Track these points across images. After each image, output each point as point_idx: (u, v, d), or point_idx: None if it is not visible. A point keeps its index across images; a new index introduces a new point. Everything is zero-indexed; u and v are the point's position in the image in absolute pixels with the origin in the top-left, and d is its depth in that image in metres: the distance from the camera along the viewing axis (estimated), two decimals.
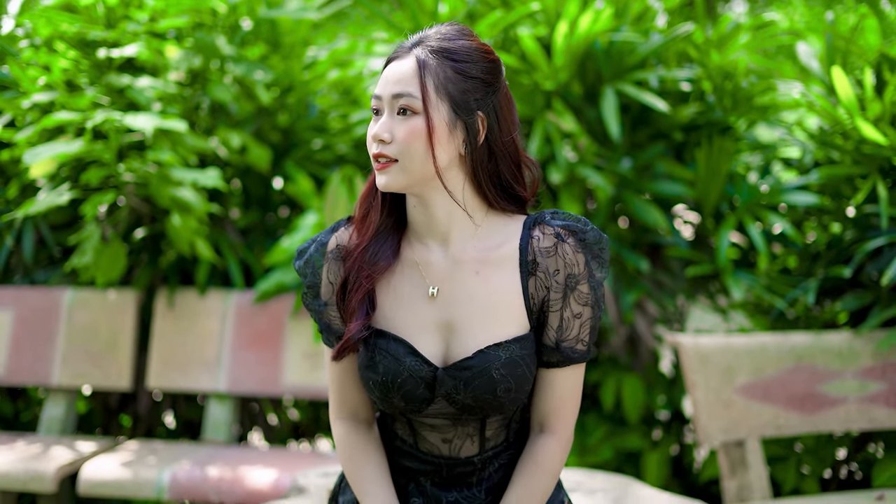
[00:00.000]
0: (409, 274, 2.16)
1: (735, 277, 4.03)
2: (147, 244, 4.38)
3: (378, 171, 2.07)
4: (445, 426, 2.17)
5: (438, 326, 2.13)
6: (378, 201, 2.17)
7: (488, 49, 2.14)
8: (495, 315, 2.11)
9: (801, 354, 3.73)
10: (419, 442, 2.20)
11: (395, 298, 2.16)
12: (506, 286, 2.12)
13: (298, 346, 4.26)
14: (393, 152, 2.04)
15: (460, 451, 2.19)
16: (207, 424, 4.30)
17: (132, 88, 3.81)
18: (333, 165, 4.66)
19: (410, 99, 2.02)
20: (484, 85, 2.09)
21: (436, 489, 2.19)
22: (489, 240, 2.16)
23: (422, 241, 2.17)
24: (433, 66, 2.04)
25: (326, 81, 4.66)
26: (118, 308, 4.34)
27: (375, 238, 2.16)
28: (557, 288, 2.11)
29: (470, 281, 2.13)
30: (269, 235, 4.58)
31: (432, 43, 2.08)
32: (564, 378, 2.17)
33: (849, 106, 3.80)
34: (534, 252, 2.12)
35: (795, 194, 4.06)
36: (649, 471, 4.20)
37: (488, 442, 2.19)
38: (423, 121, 2.03)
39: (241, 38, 4.43)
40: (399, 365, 2.09)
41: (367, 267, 2.14)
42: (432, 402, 2.11)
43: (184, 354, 4.31)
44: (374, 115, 2.09)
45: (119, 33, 3.96)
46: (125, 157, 3.90)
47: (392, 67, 2.07)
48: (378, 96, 2.07)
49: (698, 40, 4.29)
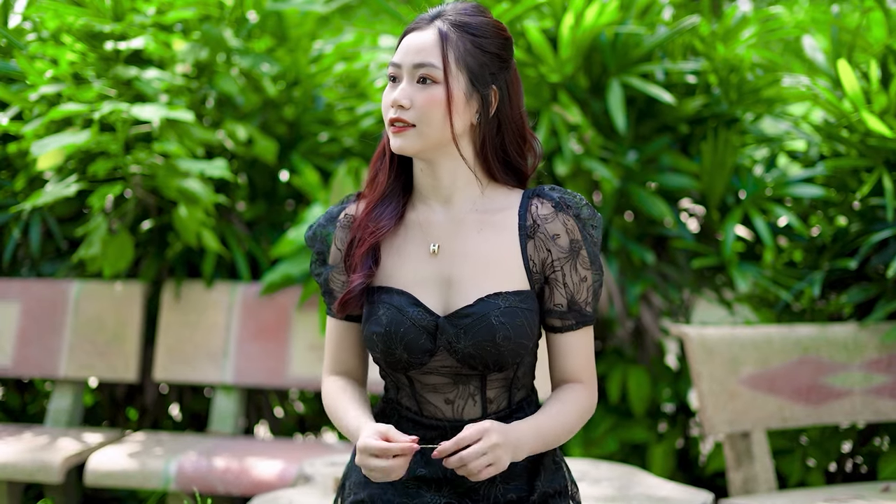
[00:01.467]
0: (412, 235, 2.24)
1: (741, 270, 4.03)
2: (153, 236, 4.39)
3: (394, 135, 2.14)
4: (447, 385, 2.21)
5: (439, 281, 2.20)
6: (386, 164, 2.25)
7: (503, 26, 2.22)
8: (494, 270, 2.18)
9: (806, 346, 3.73)
10: (423, 408, 2.25)
11: (399, 257, 2.23)
12: (505, 246, 2.20)
13: (305, 339, 4.26)
14: (411, 118, 2.11)
15: (463, 413, 2.22)
16: (214, 416, 4.31)
17: (139, 80, 3.83)
18: (339, 158, 4.68)
19: (432, 69, 2.10)
20: (499, 60, 2.18)
21: (439, 458, 2.18)
22: (490, 205, 2.24)
23: (426, 202, 2.25)
24: (454, 38, 2.12)
25: (332, 74, 4.67)
26: (125, 300, 4.35)
27: (382, 199, 2.24)
28: (562, 251, 2.19)
29: (471, 239, 2.21)
30: (276, 228, 4.59)
31: (452, 17, 2.15)
32: (579, 340, 2.24)
33: (854, 99, 3.80)
34: (532, 218, 2.21)
35: (801, 187, 4.06)
36: (655, 463, 4.21)
37: (490, 405, 2.23)
38: (443, 90, 2.11)
39: (247, 30, 4.44)
40: (402, 315, 2.15)
41: (372, 224, 2.22)
42: (434, 353, 2.17)
43: (190, 346, 4.32)
44: (392, 82, 2.16)
45: (126, 26, 3.97)
46: (132, 149, 3.91)
47: (413, 37, 2.14)
48: (397, 64, 2.14)
49: (704, 33, 4.29)
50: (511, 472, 2.22)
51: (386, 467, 2.03)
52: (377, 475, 2.05)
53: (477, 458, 2.01)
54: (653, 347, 4.41)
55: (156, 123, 3.71)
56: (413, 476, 2.22)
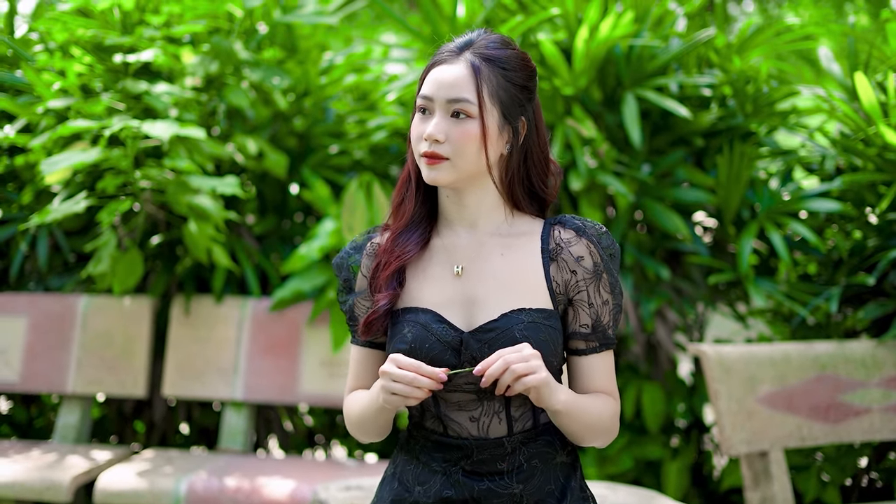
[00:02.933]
0: (437, 258, 2.26)
1: (757, 285, 3.98)
2: (163, 251, 4.35)
3: (428, 167, 2.15)
4: (471, 403, 2.20)
5: (463, 301, 2.20)
6: (413, 191, 2.27)
7: (528, 57, 2.24)
8: (518, 290, 2.20)
9: (824, 364, 3.69)
10: (448, 428, 2.23)
11: (424, 279, 2.25)
12: (528, 267, 2.22)
13: (316, 354, 4.22)
14: (445, 151, 2.12)
15: (489, 431, 2.21)
16: (223, 433, 4.27)
17: (149, 94, 3.78)
18: (350, 171, 4.63)
19: (467, 104, 2.11)
20: (527, 91, 2.21)
21: (466, 479, 2.20)
22: (513, 230, 2.26)
23: (451, 227, 2.27)
24: (486, 73, 2.14)
25: (343, 86, 4.61)
26: (133, 315, 4.31)
27: (408, 226, 2.27)
28: (587, 272, 2.21)
29: (494, 260, 2.22)
30: (286, 242, 4.54)
31: (481, 50, 2.16)
32: (602, 362, 2.25)
33: (871, 111, 3.76)
34: (555, 242, 2.23)
35: (817, 201, 4.01)
36: (669, 480, 4.16)
37: (516, 423, 2.22)
38: (478, 125, 2.13)
39: (257, 42, 4.39)
40: (426, 332, 2.16)
41: (398, 249, 2.24)
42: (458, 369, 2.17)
43: (200, 362, 4.28)
44: (421, 114, 2.17)
45: (135, 38, 3.92)
46: (141, 164, 3.86)
47: (443, 70, 2.14)
48: (429, 97, 2.15)
49: (719, 45, 4.24)
50: (538, 496, 2.21)
51: (407, 390, 2.04)
52: (396, 399, 2.07)
53: (519, 361, 2.02)
54: (667, 363, 4.37)
55: (166, 139, 3.66)
56: (440, 498, 2.21)
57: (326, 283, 4.14)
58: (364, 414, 2.24)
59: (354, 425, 2.31)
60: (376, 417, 2.21)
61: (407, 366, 2.06)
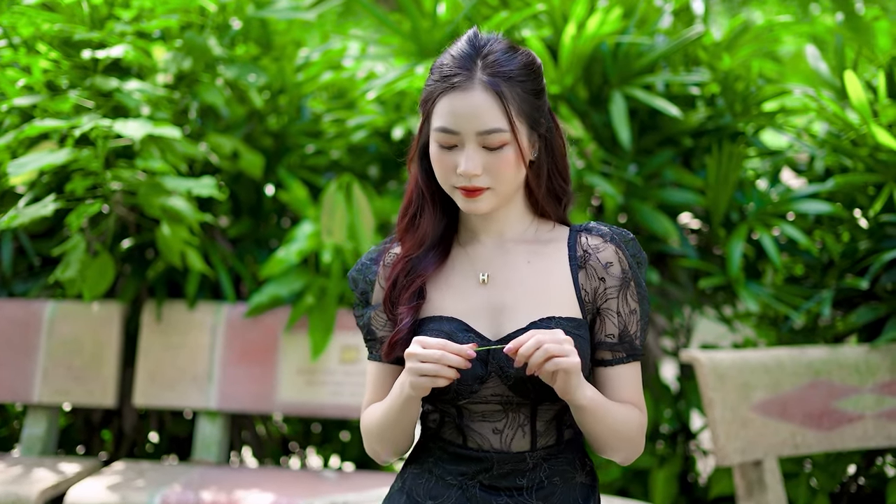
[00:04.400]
0: (460, 266, 2.18)
1: (748, 289, 3.89)
2: (133, 254, 4.18)
3: (469, 199, 2.08)
4: (496, 413, 2.11)
5: (489, 309, 2.12)
6: (430, 212, 2.20)
7: (533, 56, 2.14)
8: (546, 298, 2.11)
9: (818, 370, 3.61)
10: (468, 438, 2.14)
11: (447, 289, 2.16)
12: (556, 276, 2.14)
13: (293, 362, 4.08)
14: (485, 182, 2.05)
15: (511, 444, 2.13)
16: (197, 443, 4.11)
17: (120, 91, 3.62)
18: (327, 171, 4.49)
19: (500, 134, 2.03)
20: (543, 95, 2.12)
21: (484, 493, 2.12)
22: (538, 237, 2.19)
23: (474, 236, 2.20)
24: (508, 93, 2.04)
25: (319, 84, 4.46)
26: (102, 321, 4.14)
27: (428, 247, 2.19)
28: (615, 280, 2.13)
29: (521, 268, 2.15)
30: (261, 245, 4.39)
31: (495, 67, 2.06)
32: (629, 373, 2.16)
33: (861, 111, 3.67)
34: (583, 249, 2.15)
35: (807, 202, 3.92)
36: (657, 489, 4.06)
37: (540, 438, 2.14)
38: (513, 149, 2.04)
39: (230, 38, 4.24)
40: (452, 340, 2.05)
41: (420, 270, 2.16)
42: (485, 380, 2.07)
43: (172, 370, 4.12)
44: (446, 149, 2.08)
45: (105, 34, 3.76)
46: (112, 165, 3.70)
47: (463, 100, 2.04)
48: (454, 131, 2.04)
49: (707, 42, 4.14)
50: (556, 499, 2.13)
51: (435, 368, 1.94)
52: (424, 381, 1.96)
53: (552, 342, 1.91)
54: (653, 368, 4.27)
55: (138, 139, 3.50)
56: None
57: (305, 287, 4.00)
58: (386, 417, 2.12)
59: (375, 436, 2.18)
60: (400, 417, 2.09)
61: (433, 345, 1.95)
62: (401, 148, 4.40)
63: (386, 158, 4.49)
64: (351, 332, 4.06)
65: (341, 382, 4.05)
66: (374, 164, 4.54)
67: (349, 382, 4.04)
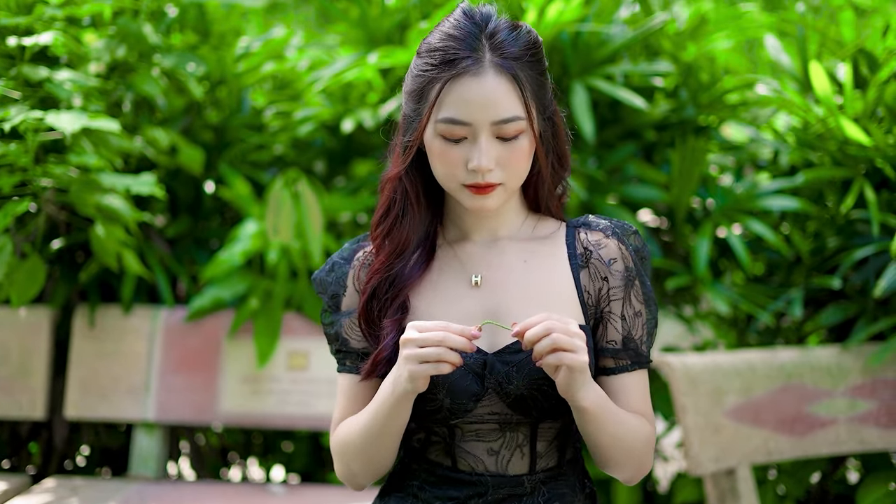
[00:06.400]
0: (448, 268, 1.98)
1: (716, 289, 3.73)
2: (63, 256, 3.91)
3: (476, 196, 1.87)
4: (492, 433, 1.91)
5: (484, 314, 1.92)
6: (414, 213, 1.98)
7: (533, 30, 1.96)
8: (546, 302, 1.91)
9: (789, 372, 3.47)
10: (459, 460, 1.93)
11: (434, 294, 1.95)
12: (556, 277, 1.95)
13: (237, 370, 3.83)
14: (498, 178, 1.86)
15: (508, 467, 1.93)
16: (134, 457, 3.84)
17: (51, 82, 3.35)
18: (270, 167, 4.24)
19: (518, 122, 1.84)
20: (547, 74, 1.94)
21: None
22: (532, 234, 2.00)
23: (463, 234, 2.00)
24: (522, 77, 1.85)
25: (261, 75, 4.22)
26: (30, 328, 3.85)
27: (411, 251, 1.97)
28: (618, 280, 1.94)
29: (517, 268, 1.95)
30: (201, 246, 4.13)
31: (505, 48, 1.86)
32: (634, 382, 1.96)
33: (827, 103, 3.53)
34: (583, 246, 1.97)
35: (775, 198, 3.76)
36: (620, 499, 3.89)
37: (540, 460, 1.94)
38: (528, 137, 1.85)
39: (166, 26, 3.98)
40: None
41: (405, 279, 1.94)
42: (482, 397, 1.87)
43: (106, 379, 3.85)
44: (452, 142, 1.86)
45: (33, 19, 3.48)
46: (41, 161, 3.43)
47: (476, 86, 1.82)
48: (466, 122, 1.83)
49: (670, 31, 3.98)
50: None
51: (437, 352, 1.73)
52: (425, 368, 1.74)
53: (563, 332, 1.72)
54: None
55: (68, 133, 3.22)
56: None
57: (249, 290, 3.76)
58: (370, 426, 1.87)
59: (354, 452, 1.93)
60: (388, 424, 1.85)
61: (433, 326, 1.73)
62: (350, 142, 4.19)
63: (333, 153, 4.26)
64: (299, 338, 3.83)
65: (288, 391, 3.81)
66: (321, 159, 4.31)
67: (296, 391, 3.81)
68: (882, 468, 3.71)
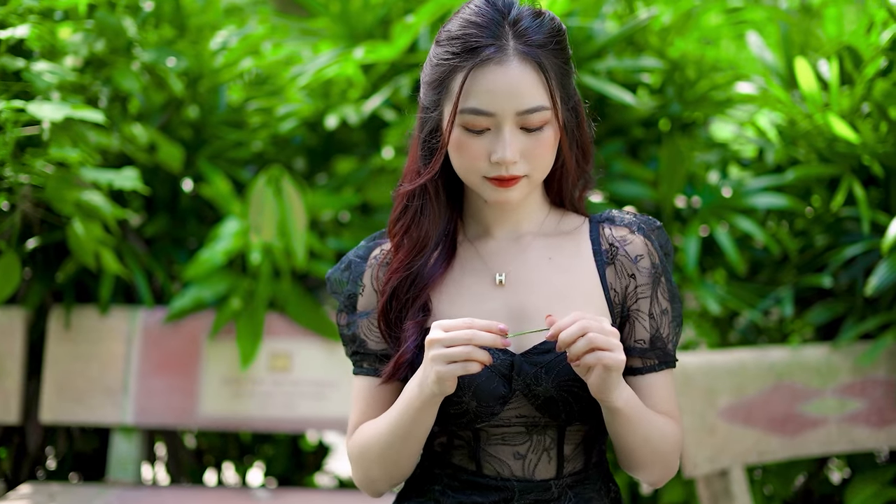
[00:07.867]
0: (470, 266, 1.92)
1: (707, 288, 3.69)
2: (37, 256, 3.80)
3: (499, 189, 1.81)
4: (519, 436, 1.86)
5: (510, 316, 1.87)
6: (434, 210, 1.91)
7: (556, 17, 1.92)
8: (573, 300, 1.87)
9: (780, 372, 3.45)
10: (484, 465, 1.87)
11: (458, 293, 1.90)
12: (582, 274, 1.90)
13: (218, 372, 3.74)
14: (522, 170, 1.81)
15: (535, 472, 1.87)
16: (112, 462, 3.74)
17: (29, 72, 3.25)
18: (250, 164, 4.16)
19: (544, 112, 1.79)
20: (571, 63, 1.89)
21: None
22: (556, 230, 1.95)
23: (486, 231, 1.94)
24: (547, 65, 1.80)
25: (240, 70, 4.13)
26: (4, 329, 3.74)
27: (431, 248, 1.91)
28: (644, 277, 1.90)
29: (542, 266, 1.90)
30: (179, 245, 4.03)
31: (530, 35, 1.81)
32: (662, 381, 1.92)
33: (813, 100, 3.51)
34: (608, 242, 1.93)
35: (762, 196, 3.73)
36: None
37: (567, 464, 1.89)
38: (553, 128, 1.81)
39: (142, 19, 3.88)
40: None
41: (426, 278, 1.88)
42: (509, 399, 1.81)
43: (83, 382, 3.74)
44: (474, 133, 1.81)
45: (8, 11, 3.38)
46: (18, 155, 3.33)
47: (500, 75, 1.78)
48: (490, 112, 1.77)
49: (657, 26, 3.94)
50: None
51: (466, 351, 1.66)
52: (454, 368, 1.67)
53: (599, 331, 1.67)
54: None
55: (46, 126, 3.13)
56: None
57: (230, 290, 3.68)
58: (394, 430, 1.81)
59: (374, 458, 1.86)
60: (412, 429, 1.79)
61: (459, 325, 1.67)
62: (331, 139, 4.12)
63: (313, 150, 4.18)
64: (281, 339, 3.75)
65: (270, 393, 3.73)
66: (301, 157, 4.23)
67: (279, 393, 3.73)
68: (868, 468, 3.70)
